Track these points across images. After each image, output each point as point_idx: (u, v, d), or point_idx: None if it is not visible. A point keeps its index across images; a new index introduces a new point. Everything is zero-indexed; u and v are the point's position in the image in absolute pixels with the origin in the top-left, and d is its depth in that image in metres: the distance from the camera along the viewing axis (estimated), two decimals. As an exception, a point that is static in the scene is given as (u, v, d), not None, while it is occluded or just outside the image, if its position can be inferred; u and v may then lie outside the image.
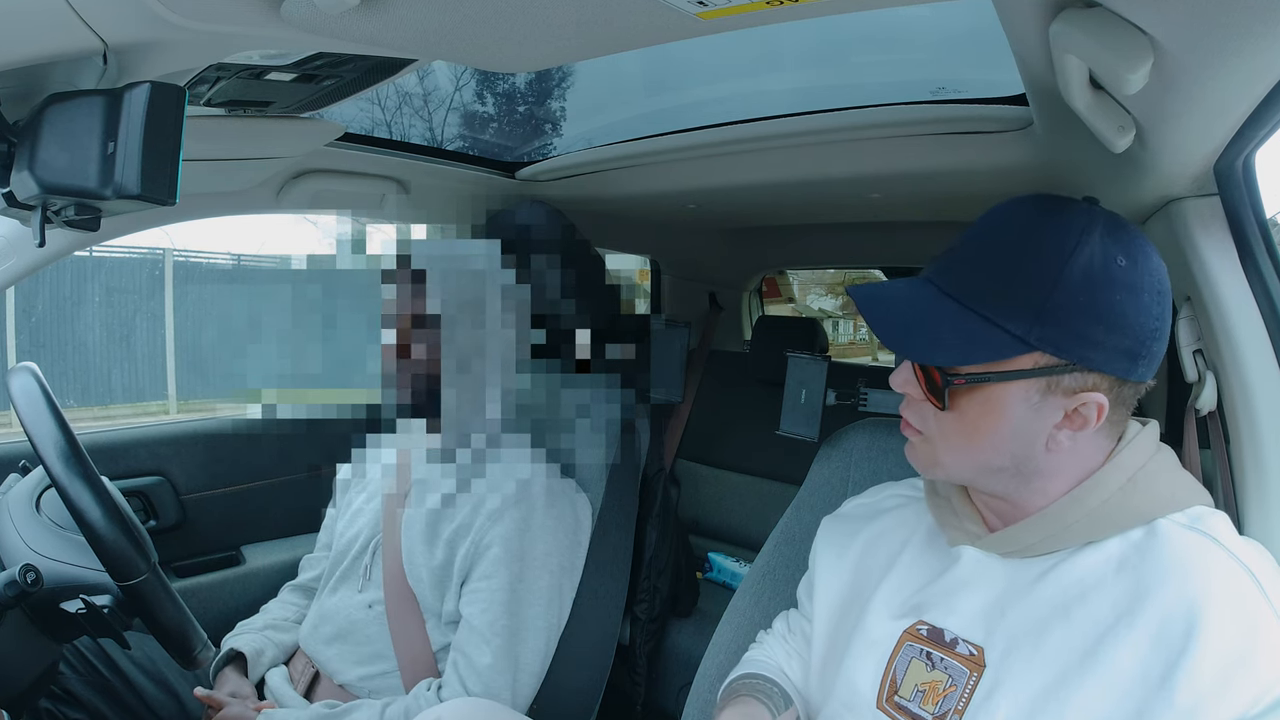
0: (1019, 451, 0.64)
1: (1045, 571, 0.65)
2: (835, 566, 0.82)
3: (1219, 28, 0.47)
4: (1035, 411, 0.62)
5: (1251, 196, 0.73)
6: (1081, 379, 0.61)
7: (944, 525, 0.73)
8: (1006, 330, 0.60)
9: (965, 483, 0.71)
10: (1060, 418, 0.62)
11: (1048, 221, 0.62)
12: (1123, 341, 0.60)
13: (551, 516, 1.12)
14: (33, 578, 0.78)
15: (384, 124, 1.63)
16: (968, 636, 0.67)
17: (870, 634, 0.73)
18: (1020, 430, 0.63)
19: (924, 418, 0.68)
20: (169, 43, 0.63)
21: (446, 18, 0.60)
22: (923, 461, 0.70)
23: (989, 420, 0.63)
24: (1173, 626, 0.57)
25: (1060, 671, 0.60)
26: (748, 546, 1.95)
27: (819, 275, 6.84)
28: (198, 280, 5.63)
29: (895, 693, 0.69)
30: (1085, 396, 0.61)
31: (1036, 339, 0.60)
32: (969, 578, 0.69)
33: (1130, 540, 0.63)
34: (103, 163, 0.58)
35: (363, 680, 1.09)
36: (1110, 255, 0.60)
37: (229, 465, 1.57)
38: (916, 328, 0.64)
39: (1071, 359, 0.60)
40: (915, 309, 0.65)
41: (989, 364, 0.62)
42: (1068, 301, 0.59)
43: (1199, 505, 0.65)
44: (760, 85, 1.49)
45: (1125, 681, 0.57)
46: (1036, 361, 0.61)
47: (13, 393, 0.88)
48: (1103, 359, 0.60)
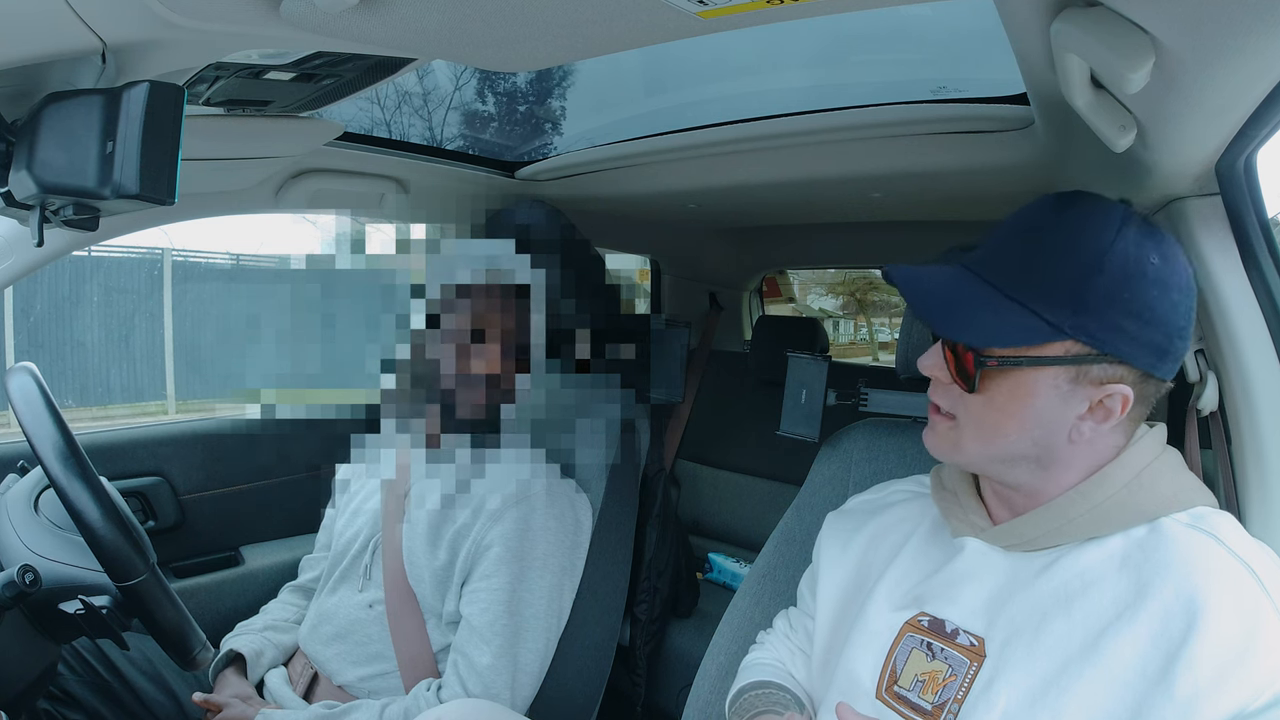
0: (1041, 439, 0.65)
1: (1048, 565, 0.66)
2: (839, 560, 0.82)
3: (1221, 26, 0.47)
4: (1063, 400, 0.63)
5: (1253, 196, 0.73)
6: (1110, 370, 0.62)
7: (949, 517, 0.74)
8: (1042, 317, 0.62)
9: (981, 470, 0.71)
10: (1085, 409, 0.63)
11: (1086, 216, 0.64)
12: (1153, 336, 0.62)
13: (552, 517, 1.12)
14: (31, 578, 0.77)
15: (383, 123, 1.63)
16: (969, 627, 0.67)
17: (871, 625, 0.73)
18: (1045, 418, 0.64)
19: (952, 402, 0.68)
20: (168, 42, 0.63)
21: (446, 17, 0.60)
22: (944, 445, 0.70)
23: (1016, 405, 0.64)
24: (1173, 621, 0.57)
25: (1060, 663, 0.61)
26: (748, 547, 1.95)
27: (819, 275, 6.84)
28: (196, 280, 5.63)
29: (895, 683, 0.69)
30: (1112, 388, 0.62)
31: (1071, 327, 0.61)
32: (971, 570, 0.70)
33: (1133, 538, 0.64)
34: (101, 162, 0.58)
35: (362, 680, 1.09)
36: (1145, 251, 0.62)
37: (228, 465, 1.57)
38: (956, 307, 0.65)
39: (1103, 349, 0.62)
40: (955, 290, 0.67)
41: (1022, 348, 0.63)
42: (1104, 292, 0.61)
43: (1202, 505, 0.65)
44: (760, 85, 1.49)
45: (1125, 674, 0.58)
46: (1069, 349, 0.62)
47: (11, 393, 0.88)
48: (1132, 351, 0.62)
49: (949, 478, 0.77)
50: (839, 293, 8.37)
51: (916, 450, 1.01)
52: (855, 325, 9.11)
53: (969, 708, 0.64)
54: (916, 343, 0.98)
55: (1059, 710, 0.59)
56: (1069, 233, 0.64)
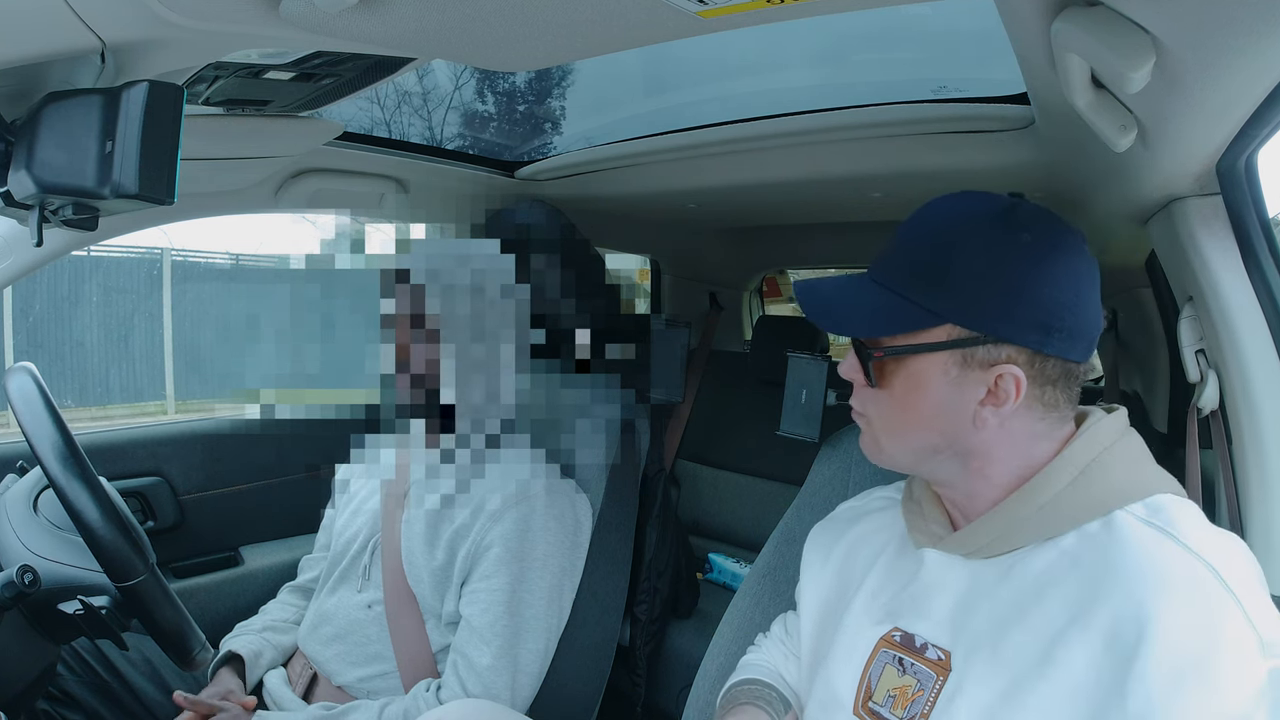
0: (947, 429, 0.64)
1: (1006, 571, 0.64)
2: (819, 573, 0.82)
3: (1222, 26, 0.47)
4: (956, 386, 0.63)
5: (1254, 196, 0.73)
6: (994, 351, 0.62)
7: (912, 528, 0.73)
8: (917, 304, 0.63)
9: (911, 470, 0.72)
10: (983, 394, 0.62)
11: (956, 206, 0.66)
12: (1029, 313, 0.61)
13: (552, 517, 1.11)
14: (30, 579, 0.77)
15: (383, 123, 1.63)
16: (936, 641, 0.66)
17: (849, 640, 0.73)
18: (945, 406, 0.64)
19: (863, 401, 0.70)
20: (167, 41, 0.63)
21: (445, 16, 0.60)
22: (868, 447, 0.71)
23: (914, 396, 0.65)
24: (1125, 628, 0.55)
25: (1017, 675, 0.59)
26: (748, 547, 1.94)
27: (819, 275, 6.83)
28: (196, 280, 5.63)
29: (870, 698, 0.69)
30: (1001, 368, 0.61)
31: (943, 310, 0.62)
32: (936, 581, 0.69)
33: (1086, 534, 0.61)
34: (100, 162, 0.58)
35: (362, 681, 1.09)
36: (1012, 231, 0.62)
37: (227, 465, 1.57)
38: (837, 305, 0.69)
39: (981, 329, 0.61)
40: (842, 293, 0.70)
41: (905, 336, 0.64)
42: (969, 272, 0.62)
43: (1161, 494, 0.62)
44: (760, 84, 1.49)
45: (1078, 685, 0.56)
46: (949, 334, 0.63)
47: (10, 393, 0.88)
48: (1011, 330, 0.61)
49: (917, 487, 0.75)
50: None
51: (917, 450, 1.01)
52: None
53: None
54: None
55: None
56: (938, 222, 0.66)
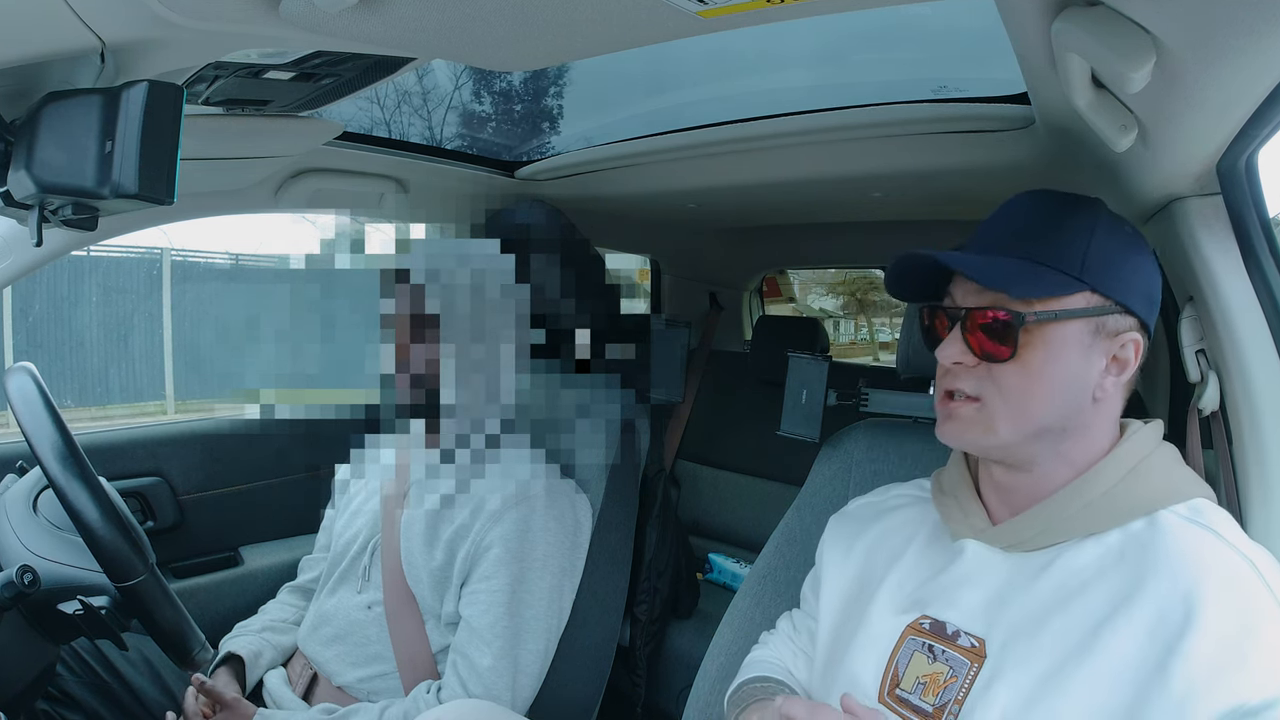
0: (1070, 403, 0.66)
1: (1046, 564, 0.66)
2: (841, 563, 0.83)
3: (1222, 26, 0.47)
4: (1086, 355, 0.66)
5: (1254, 196, 0.73)
6: (1121, 320, 0.67)
7: (949, 520, 0.74)
8: (1060, 270, 0.66)
9: (1003, 454, 0.69)
10: (1104, 363, 0.66)
11: (1064, 198, 0.70)
12: (1145, 288, 0.68)
13: (551, 517, 1.11)
14: (30, 579, 0.77)
15: (383, 123, 1.63)
16: (969, 629, 0.67)
17: (874, 629, 0.74)
18: (1074, 377, 0.66)
19: (979, 381, 0.68)
20: (167, 41, 0.63)
21: (445, 16, 0.60)
22: (973, 430, 0.68)
23: (1050, 366, 0.66)
24: (1170, 615, 0.57)
25: (1058, 660, 0.61)
26: (748, 547, 1.94)
27: (820, 275, 6.84)
28: (196, 280, 5.62)
29: (897, 686, 0.69)
30: (1126, 336, 0.66)
31: (1086, 276, 0.66)
32: (971, 572, 0.70)
33: (1130, 532, 0.64)
34: (100, 162, 0.58)
35: (362, 682, 1.09)
36: (1119, 220, 0.69)
37: (227, 466, 1.56)
38: (991, 266, 0.68)
39: (1115, 297, 0.66)
40: (966, 256, 0.70)
41: (1051, 300, 0.65)
42: (1102, 249, 0.66)
43: (1200, 498, 0.66)
44: (760, 84, 1.49)
45: (1122, 670, 0.58)
46: (1088, 301, 0.66)
47: (10, 393, 0.88)
48: (1134, 301, 0.67)
49: (949, 481, 0.77)
50: (839, 293, 8.37)
51: (917, 450, 1.01)
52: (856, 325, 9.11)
53: (969, 708, 0.64)
54: (917, 343, 0.98)
55: (1057, 707, 0.59)
56: (1056, 206, 0.70)
